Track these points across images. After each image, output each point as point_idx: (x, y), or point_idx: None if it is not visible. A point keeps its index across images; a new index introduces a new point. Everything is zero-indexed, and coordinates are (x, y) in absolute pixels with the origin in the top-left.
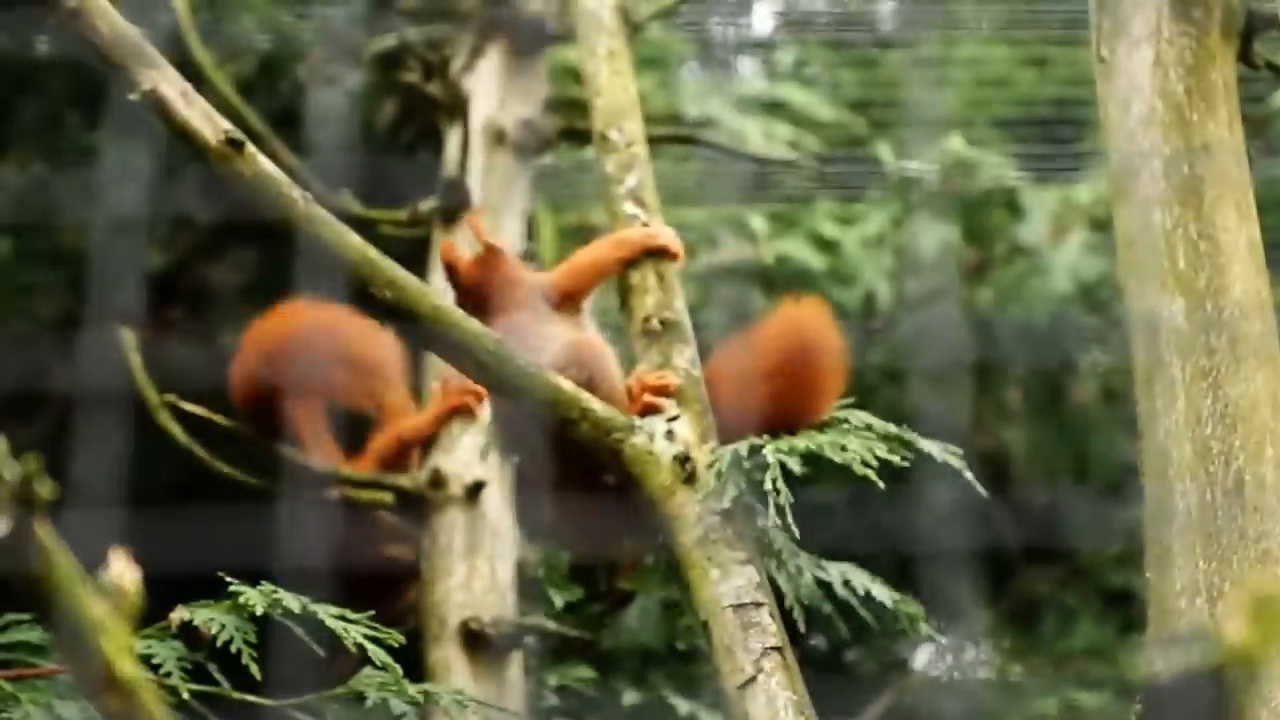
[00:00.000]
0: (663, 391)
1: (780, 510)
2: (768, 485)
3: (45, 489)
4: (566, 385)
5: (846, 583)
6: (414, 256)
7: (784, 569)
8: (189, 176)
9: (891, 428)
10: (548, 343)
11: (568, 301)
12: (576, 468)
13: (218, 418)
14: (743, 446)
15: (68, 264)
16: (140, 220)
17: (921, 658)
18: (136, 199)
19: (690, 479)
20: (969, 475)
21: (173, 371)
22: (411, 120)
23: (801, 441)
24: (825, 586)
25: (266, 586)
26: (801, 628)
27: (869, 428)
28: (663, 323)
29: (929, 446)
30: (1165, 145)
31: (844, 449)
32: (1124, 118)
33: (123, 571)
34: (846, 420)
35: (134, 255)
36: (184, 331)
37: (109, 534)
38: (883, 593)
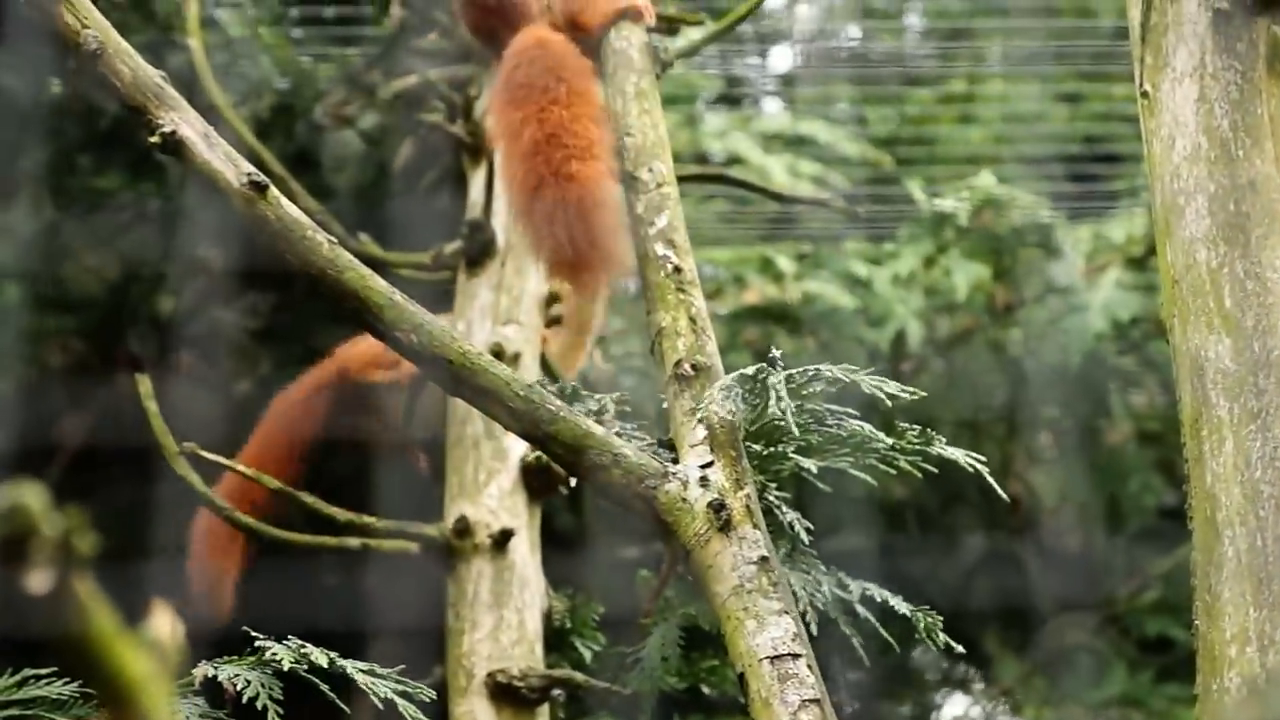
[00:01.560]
0: None
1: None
2: (772, 405)
3: (86, 543)
4: (597, 430)
5: (866, 597)
6: (438, 300)
7: (798, 566)
8: (201, 220)
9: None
10: None
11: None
12: None
13: (238, 467)
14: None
15: (77, 310)
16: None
17: (953, 709)
18: (148, 243)
19: (725, 527)
20: (992, 482)
21: (189, 418)
22: (432, 161)
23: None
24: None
25: (294, 641)
26: (813, 629)
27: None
28: (695, 367)
29: (953, 453)
30: (1210, 182)
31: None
32: (1168, 154)
33: (164, 625)
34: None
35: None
36: (197, 378)
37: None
38: (901, 604)
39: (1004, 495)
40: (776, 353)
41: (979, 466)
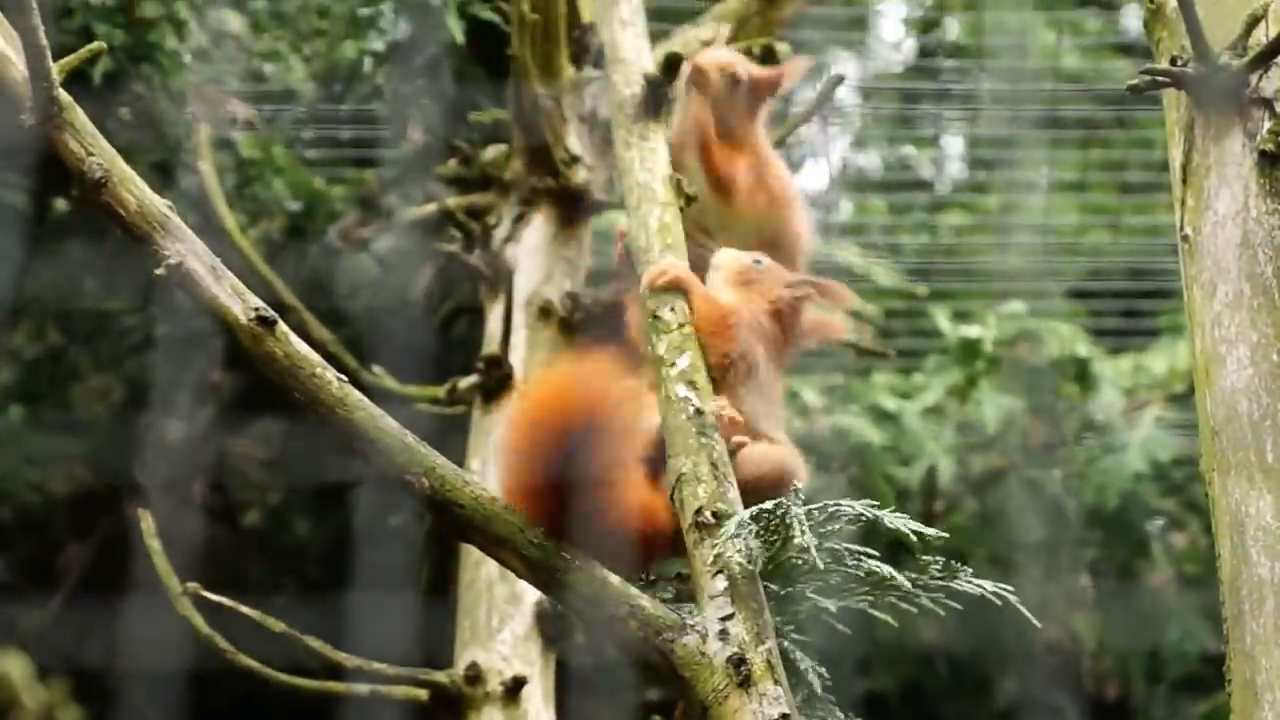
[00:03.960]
0: (673, 284)
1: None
2: (796, 536)
3: (69, 716)
4: (614, 580)
5: None
6: (452, 433)
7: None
8: (211, 344)
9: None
10: None
11: None
12: None
13: (243, 608)
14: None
15: (80, 433)
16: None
17: None
18: (155, 367)
19: (745, 683)
20: (1024, 610)
21: (195, 548)
22: (450, 290)
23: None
24: None
25: None
26: None
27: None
28: (716, 515)
29: (980, 584)
30: (1253, 330)
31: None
32: (1209, 300)
33: None
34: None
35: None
36: (206, 508)
37: None
38: None
39: (1035, 622)
40: (798, 484)
41: (1008, 595)
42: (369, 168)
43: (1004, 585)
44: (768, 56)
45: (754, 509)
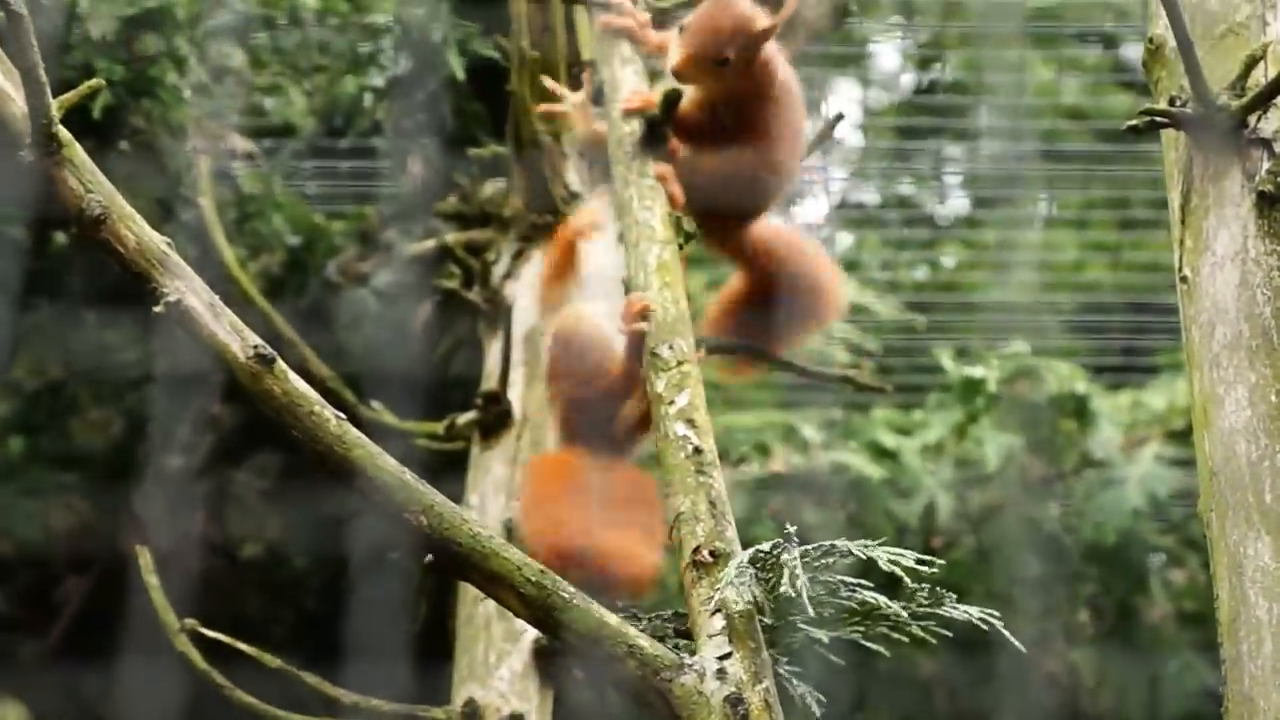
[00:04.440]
0: (643, 316)
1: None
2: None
3: None
4: (611, 619)
5: None
6: (451, 468)
7: None
8: (211, 376)
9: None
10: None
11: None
12: None
13: (239, 645)
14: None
15: (79, 466)
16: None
17: None
18: (155, 399)
19: None
20: (1010, 636)
21: (195, 581)
22: (449, 325)
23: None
24: None
25: None
26: None
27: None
28: (714, 554)
29: (966, 611)
30: (1251, 372)
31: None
32: (1207, 341)
33: None
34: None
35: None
36: (205, 540)
37: None
38: None
39: (1021, 648)
40: (792, 529)
41: (994, 623)
42: (369, 203)
43: (989, 611)
44: None
45: (751, 551)
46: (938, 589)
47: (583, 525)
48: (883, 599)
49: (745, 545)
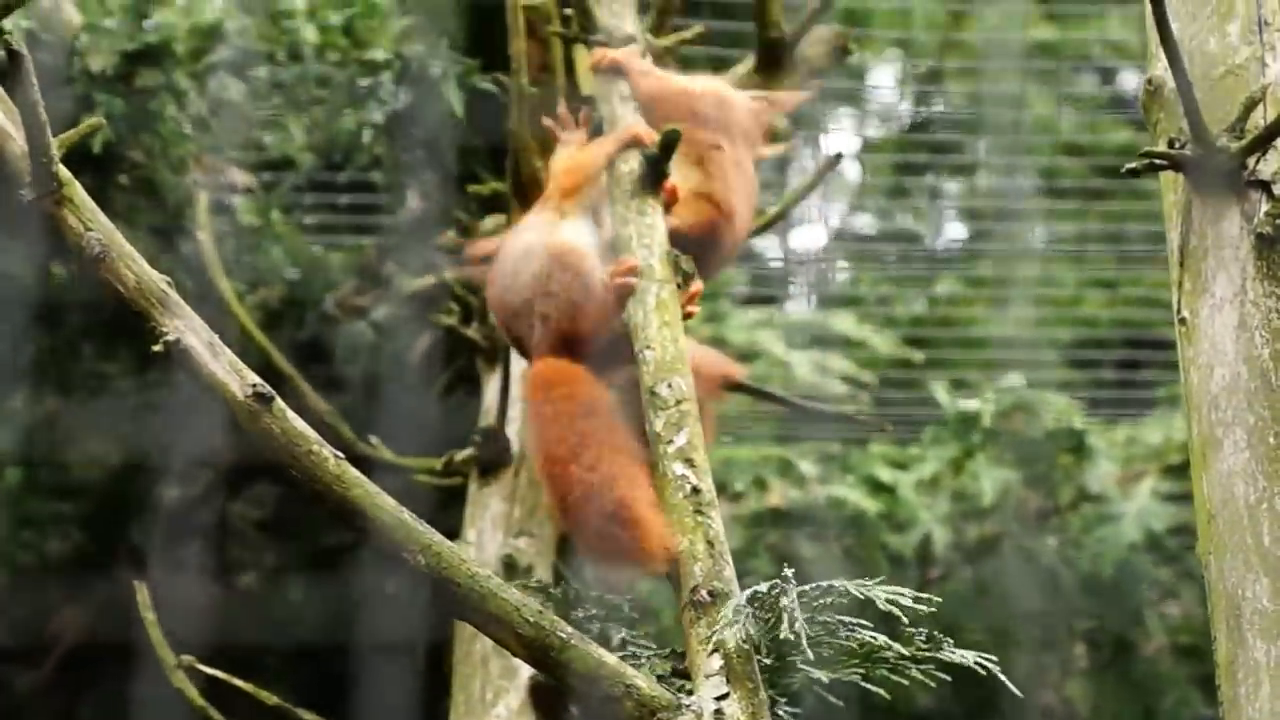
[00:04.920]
0: (631, 272)
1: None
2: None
3: None
4: (610, 659)
5: None
6: (450, 503)
7: None
8: (207, 409)
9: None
10: (534, 255)
11: (568, 199)
12: None
13: (236, 681)
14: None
15: (77, 497)
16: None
17: None
18: (151, 431)
19: None
20: (1006, 680)
21: (191, 612)
22: (447, 360)
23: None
24: None
25: None
26: None
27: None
28: (711, 594)
29: (963, 655)
30: (1249, 414)
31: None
32: (1205, 383)
33: None
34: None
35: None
36: (203, 571)
37: None
38: None
39: (1018, 692)
40: (789, 571)
41: (991, 667)
42: (368, 237)
43: (987, 655)
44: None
45: (749, 592)
46: (935, 633)
47: (608, 474)
48: (882, 638)
49: (742, 578)
